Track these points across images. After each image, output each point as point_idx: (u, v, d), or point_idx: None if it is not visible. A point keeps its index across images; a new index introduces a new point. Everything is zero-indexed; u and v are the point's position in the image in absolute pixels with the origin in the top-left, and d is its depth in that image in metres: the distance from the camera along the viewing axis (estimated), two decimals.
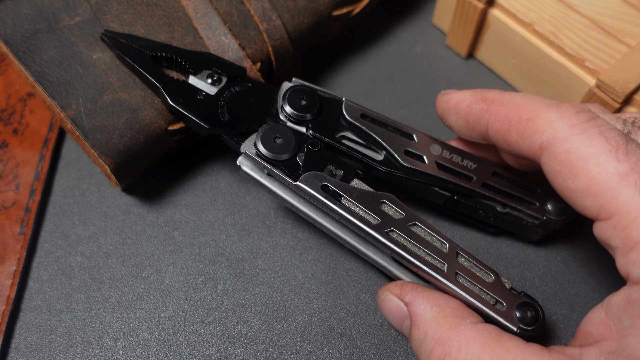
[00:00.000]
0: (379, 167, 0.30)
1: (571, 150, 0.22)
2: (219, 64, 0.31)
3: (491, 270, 0.28)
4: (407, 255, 0.27)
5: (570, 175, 0.22)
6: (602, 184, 0.21)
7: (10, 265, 0.32)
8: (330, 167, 0.29)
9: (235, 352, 0.31)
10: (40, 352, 0.30)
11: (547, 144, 0.23)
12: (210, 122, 0.29)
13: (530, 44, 0.35)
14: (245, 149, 0.28)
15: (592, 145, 0.22)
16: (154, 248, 0.33)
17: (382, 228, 0.27)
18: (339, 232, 0.29)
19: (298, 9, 0.35)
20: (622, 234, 0.21)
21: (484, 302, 0.26)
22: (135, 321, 0.31)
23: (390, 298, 0.27)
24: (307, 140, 0.29)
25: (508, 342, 0.23)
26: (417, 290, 0.27)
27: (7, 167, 0.35)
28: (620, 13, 0.34)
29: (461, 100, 0.28)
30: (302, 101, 0.30)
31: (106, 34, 0.31)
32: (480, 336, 0.24)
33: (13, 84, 0.37)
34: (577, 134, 0.22)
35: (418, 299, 0.26)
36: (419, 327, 0.25)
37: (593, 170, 0.22)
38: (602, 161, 0.22)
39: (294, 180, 0.28)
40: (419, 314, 0.26)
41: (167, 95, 0.30)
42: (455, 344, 0.24)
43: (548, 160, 0.23)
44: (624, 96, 0.31)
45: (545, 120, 0.24)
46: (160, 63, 0.31)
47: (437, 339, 0.24)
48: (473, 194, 0.31)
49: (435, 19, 0.42)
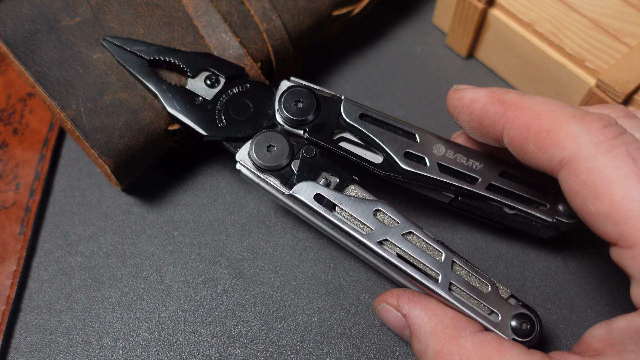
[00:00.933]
0: (377, 171, 0.29)
1: (595, 170, 0.21)
2: (217, 64, 0.31)
3: (488, 280, 0.27)
4: (400, 265, 0.27)
5: (592, 197, 0.21)
6: (625, 212, 0.20)
7: (10, 265, 0.32)
8: (325, 175, 0.29)
9: (235, 352, 0.31)
10: (40, 352, 0.30)
11: (569, 160, 0.21)
12: (207, 129, 0.30)
13: (530, 44, 0.35)
14: (239, 157, 0.29)
15: (618, 167, 0.20)
16: (154, 248, 0.33)
17: (375, 238, 0.27)
18: (337, 235, 0.29)
19: (298, 9, 0.35)
20: None
21: (478, 313, 0.26)
22: (135, 321, 0.31)
23: (388, 309, 0.27)
24: (303, 146, 0.29)
25: (508, 353, 0.23)
26: (413, 300, 0.26)
27: (7, 167, 0.35)
28: (620, 13, 0.34)
29: (476, 100, 0.25)
30: (298, 104, 0.30)
31: (105, 39, 0.31)
32: (480, 348, 0.23)
33: (13, 84, 0.37)
34: (603, 153, 0.21)
35: (415, 310, 0.26)
36: (420, 339, 0.25)
37: (617, 195, 0.20)
38: (628, 186, 0.20)
39: (288, 190, 0.28)
40: (417, 325, 0.25)
41: (164, 102, 0.30)
42: (456, 357, 0.24)
43: (568, 178, 0.22)
44: (624, 96, 0.31)
45: (568, 133, 0.22)
46: (159, 67, 0.31)
47: (438, 352, 0.24)
48: (477, 197, 0.30)
49: (435, 19, 0.42)
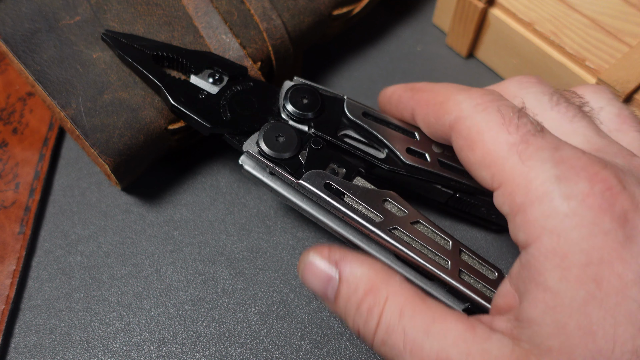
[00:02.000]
0: (381, 165, 0.30)
1: (472, 126, 0.24)
2: (220, 63, 0.31)
3: (494, 267, 0.27)
4: (411, 253, 0.27)
5: (470, 148, 0.24)
6: (493, 154, 0.23)
7: (9, 265, 0.32)
8: (332, 166, 0.29)
9: (235, 352, 0.31)
10: (39, 352, 0.30)
11: (455, 122, 0.25)
12: (212, 121, 0.29)
13: (530, 44, 0.35)
14: (247, 147, 0.28)
15: (488, 120, 0.23)
16: (154, 247, 0.33)
17: (385, 226, 0.27)
18: (341, 230, 0.29)
19: (298, 9, 0.35)
20: (509, 200, 0.22)
21: (488, 298, 0.26)
22: (135, 321, 0.31)
23: (315, 262, 0.26)
24: (310, 139, 0.29)
25: (431, 302, 0.24)
26: (345, 250, 0.27)
27: (6, 167, 0.35)
28: (621, 12, 0.34)
29: (394, 92, 0.31)
30: (303, 100, 0.30)
31: (107, 33, 0.31)
32: (406, 291, 0.24)
33: (13, 83, 0.37)
34: (479, 112, 0.24)
35: (347, 257, 0.26)
36: (349, 282, 0.25)
37: (487, 142, 0.23)
38: (495, 133, 0.23)
39: (297, 179, 0.28)
40: (348, 270, 0.25)
41: (168, 94, 0.29)
42: (384, 294, 0.24)
43: (455, 137, 0.25)
44: (624, 95, 0.31)
45: (454, 101, 0.25)
46: (162, 63, 0.31)
47: (368, 289, 0.24)
48: (476, 191, 0.31)
49: (435, 19, 0.42)
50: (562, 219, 0.20)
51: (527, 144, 0.22)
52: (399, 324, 0.23)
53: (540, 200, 0.21)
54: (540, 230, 0.21)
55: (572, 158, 0.21)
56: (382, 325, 0.24)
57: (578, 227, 0.20)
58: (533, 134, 0.22)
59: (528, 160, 0.22)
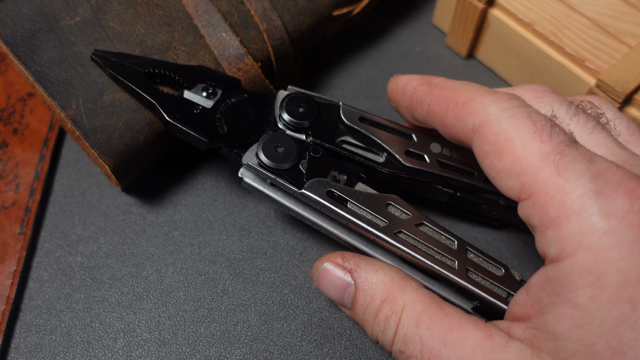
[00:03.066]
0: (381, 169, 0.30)
1: (500, 131, 0.23)
2: (213, 76, 0.31)
3: (500, 264, 0.27)
4: (418, 256, 0.27)
5: (497, 155, 0.23)
6: (524, 163, 0.22)
7: (10, 265, 0.32)
8: (333, 173, 0.29)
9: (235, 352, 0.31)
10: (40, 352, 0.30)
11: (479, 126, 0.24)
12: (209, 135, 0.29)
13: (530, 44, 0.35)
14: (247, 160, 0.28)
15: (519, 127, 0.22)
16: (154, 248, 0.33)
17: (390, 230, 0.27)
18: (347, 237, 0.28)
19: (298, 9, 0.35)
20: (540, 212, 0.21)
21: (497, 296, 0.26)
22: (135, 321, 0.31)
23: (330, 269, 0.27)
24: (308, 147, 0.29)
25: (448, 308, 0.24)
26: (359, 257, 0.27)
27: (7, 167, 0.35)
28: (621, 13, 0.34)
29: (408, 82, 0.29)
30: (299, 108, 0.30)
31: (97, 53, 0.31)
32: (423, 298, 0.24)
33: (13, 83, 0.37)
34: (507, 117, 0.23)
35: (362, 264, 0.26)
36: (366, 291, 0.25)
37: (517, 150, 0.22)
38: (527, 142, 0.22)
39: (299, 189, 0.27)
40: (364, 278, 0.26)
41: (163, 111, 0.29)
42: (401, 303, 0.24)
43: (478, 142, 0.24)
44: (624, 96, 0.31)
45: (479, 104, 0.24)
46: (154, 80, 0.31)
47: (385, 298, 0.25)
48: (476, 190, 0.31)
49: (435, 19, 0.42)
50: (600, 236, 0.20)
51: (562, 155, 0.21)
52: (416, 333, 0.23)
53: (577, 215, 0.20)
54: (575, 246, 0.20)
55: (607, 172, 0.21)
56: (399, 335, 0.24)
57: (618, 246, 0.19)
58: (567, 145, 0.21)
59: (564, 172, 0.21)
